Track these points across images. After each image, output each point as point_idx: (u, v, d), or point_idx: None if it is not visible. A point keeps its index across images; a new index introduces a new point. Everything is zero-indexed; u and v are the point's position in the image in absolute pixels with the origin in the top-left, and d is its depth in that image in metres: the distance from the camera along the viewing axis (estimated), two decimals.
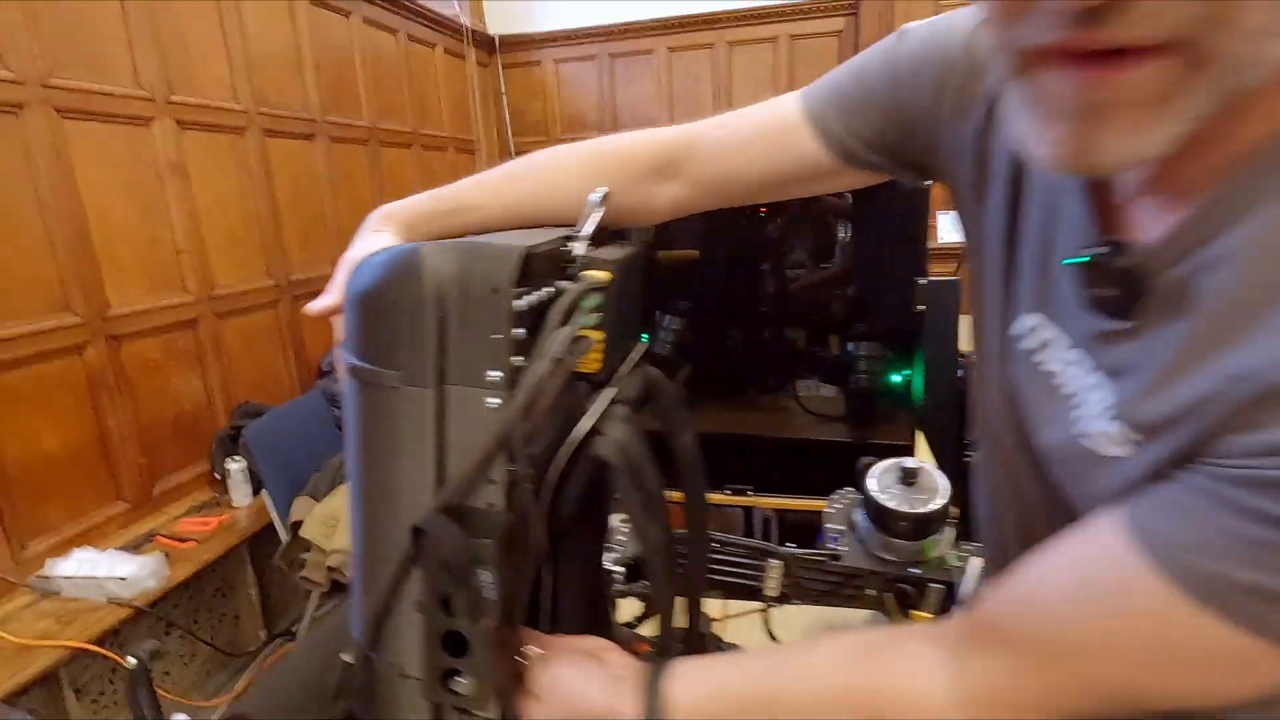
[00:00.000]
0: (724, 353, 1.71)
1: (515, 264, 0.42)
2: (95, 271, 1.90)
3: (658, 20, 3.97)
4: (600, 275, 0.49)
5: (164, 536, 1.96)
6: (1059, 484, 0.44)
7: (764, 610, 0.92)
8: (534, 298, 0.45)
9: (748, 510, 1.65)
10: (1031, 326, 0.46)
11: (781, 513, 1.60)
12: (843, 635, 0.47)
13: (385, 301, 0.43)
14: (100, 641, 1.61)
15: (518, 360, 0.43)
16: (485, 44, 4.09)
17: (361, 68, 3.05)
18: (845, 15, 3.76)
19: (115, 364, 1.97)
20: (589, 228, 0.56)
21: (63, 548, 1.80)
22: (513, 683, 0.49)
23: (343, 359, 0.46)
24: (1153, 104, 0.30)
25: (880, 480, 0.93)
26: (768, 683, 0.46)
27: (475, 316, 0.42)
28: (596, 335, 0.51)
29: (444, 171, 3.77)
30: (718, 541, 0.91)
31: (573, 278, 0.49)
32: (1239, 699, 0.34)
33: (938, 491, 0.91)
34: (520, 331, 0.43)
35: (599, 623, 0.66)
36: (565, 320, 0.45)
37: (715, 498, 1.59)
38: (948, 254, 2.78)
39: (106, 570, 1.71)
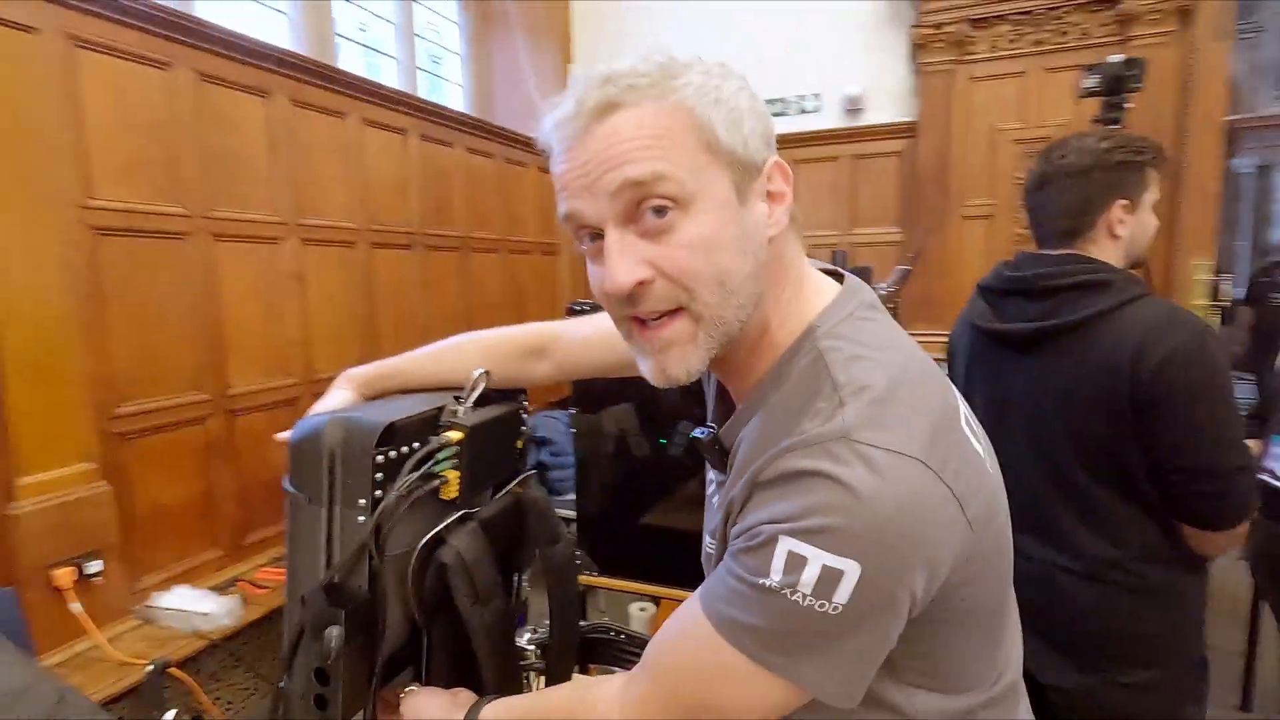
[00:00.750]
0: None
1: (376, 435, 0.68)
2: (222, 358, 2.38)
3: None
4: (453, 435, 0.74)
5: (245, 582, 2.32)
6: None
7: None
8: (397, 453, 0.70)
9: None
10: (709, 476, 0.68)
11: None
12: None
13: (302, 451, 0.70)
14: (181, 666, 1.95)
15: (379, 493, 0.69)
16: None
17: (459, 187, 3.59)
18: (905, 139, 3.98)
19: (229, 433, 2.41)
20: (473, 397, 0.81)
21: (167, 584, 2.20)
22: (385, 709, 0.73)
23: (283, 484, 0.74)
24: (687, 342, 0.54)
25: None
26: (535, 704, 0.67)
27: (351, 465, 0.68)
28: (453, 475, 0.75)
29: (527, 273, 4.24)
30: (624, 633, 1.10)
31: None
32: (762, 714, 0.52)
33: None
34: (380, 476, 0.68)
35: (477, 678, 0.87)
36: (416, 467, 0.70)
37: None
38: None
39: (195, 606, 2.07)
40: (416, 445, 0.73)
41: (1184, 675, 1.16)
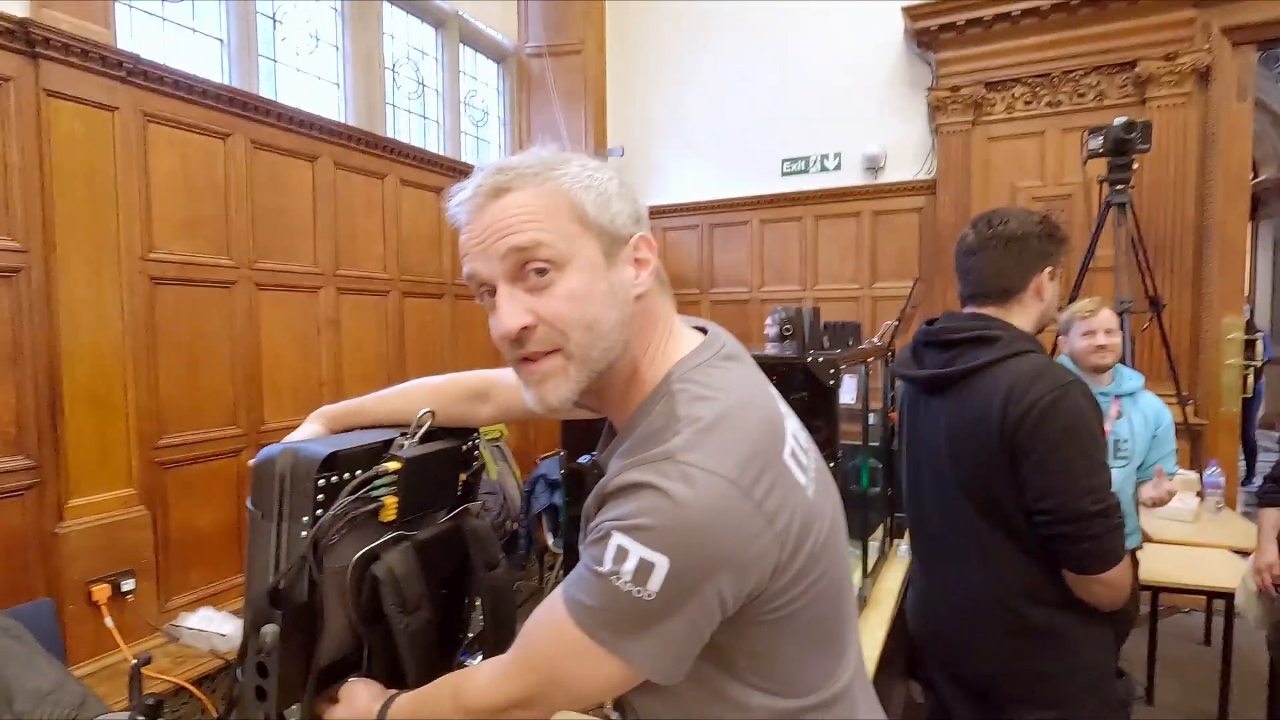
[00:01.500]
0: None
1: (319, 462, 0.80)
2: (259, 396, 2.59)
3: (753, 197, 4.50)
4: (391, 465, 0.86)
5: None
6: None
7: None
8: (339, 478, 0.82)
9: None
10: None
11: None
12: None
13: (259, 474, 0.83)
14: (198, 683, 2.09)
15: (319, 512, 0.81)
16: None
17: None
18: (925, 194, 4.05)
19: None
20: (419, 433, 0.94)
21: (194, 605, 2.36)
22: (324, 700, 0.83)
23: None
24: (559, 375, 0.64)
25: None
26: (431, 691, 0.76)
27: (298, 488, 0.81)
28: (391, 500, 0.87)
29: None
30: None
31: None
32: (599, 687, 0.61)
33: None
34: (321, 498, 0.81)
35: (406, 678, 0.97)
36: (353, 491, 0.82)
37: None
38: None
39: (216, 627, 2.22)
40: (360, 472, 0.85)
41: (1089, 718, 1.18)
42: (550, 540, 3.20)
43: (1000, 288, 1.28)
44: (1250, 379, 3.41)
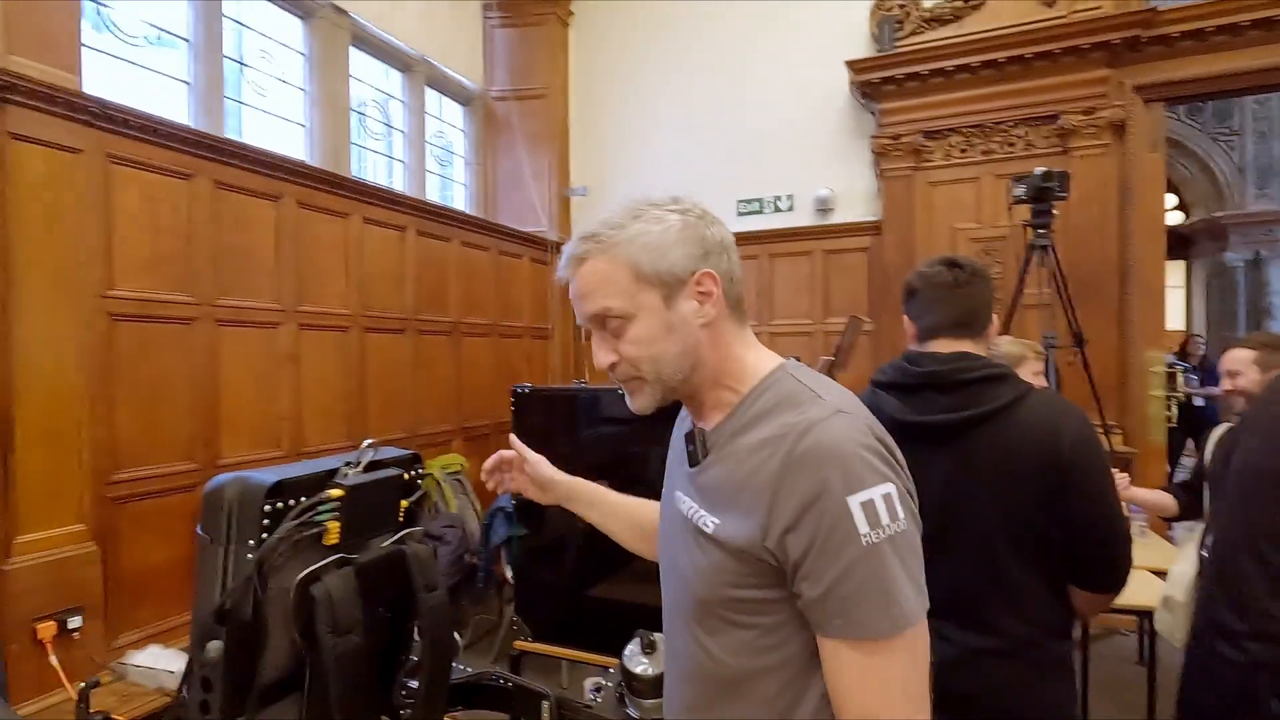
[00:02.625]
0: None
1: (265, 489, 0.87)
2: (216, 431, 2.61)
3: None
4: (334, 492, 0.93)
5: None
6: None
7: None
8: (284, 504, 0.89)
9: None
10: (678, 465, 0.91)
11: None
12: None
13: (209, 501, 0.89)
14: None
15: (265, 536, 0.87)
16: None
17: (454, 278, 3.90)
18: (872, 235, 4.26)
19: None
20: (363, 463, 1.01)
21: (143, 642, 2.34)
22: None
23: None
24: (641, 391, 0.82)
25: (632, 648, 1.22)
26: None
27: (245, 513, 0.87)
28: (334, 525, 0.94)
29: (518, 355, 4.50)
30: (501, 677, 1.24)
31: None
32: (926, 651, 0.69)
33: None
34: (268, 522, 0.87)
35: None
36: (297, 517, 0.89)
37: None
38: None
39: (164, 665, 2.20)
40: (305, 499, 0.92)
41: None
42: (509, 573, 3.22)
43: (984, 320, 1.34)
44: (1174, 410, 3.60)
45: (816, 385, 0.77)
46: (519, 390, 1.95)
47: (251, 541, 0.87)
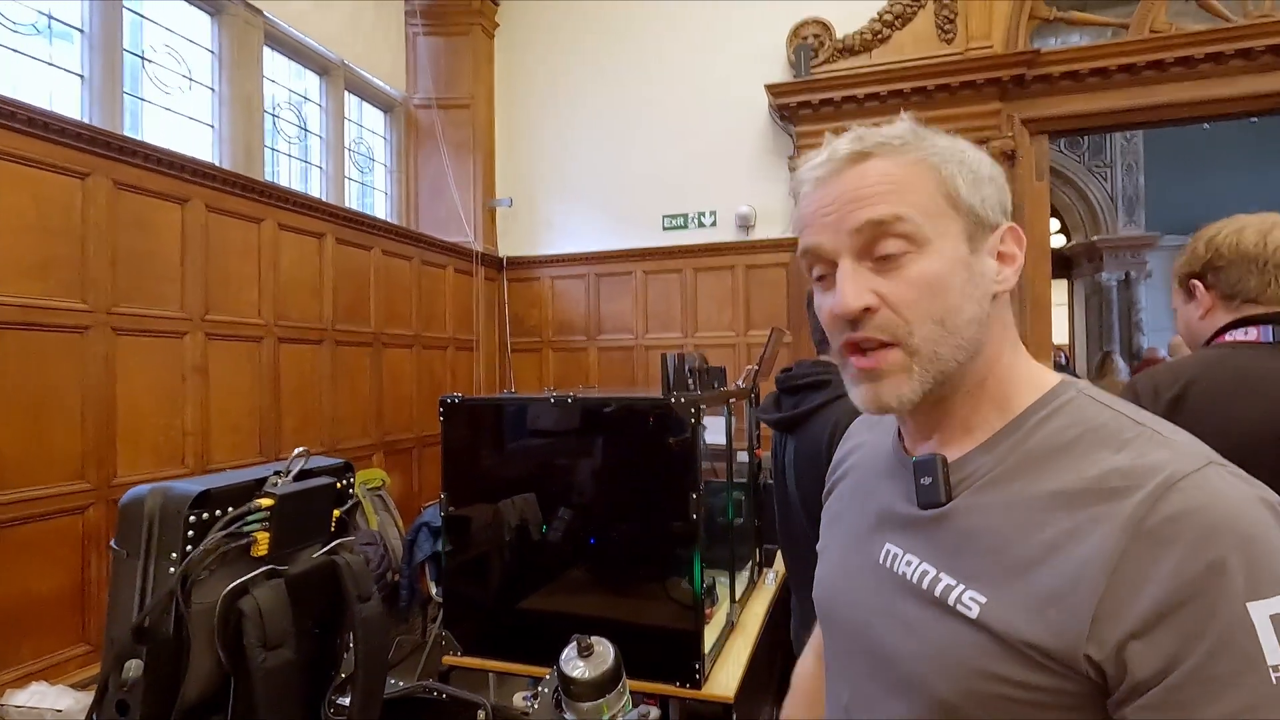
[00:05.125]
0: (608, 545, 2.02)
1: (190, 499, 0.84)
2: (112, 448, 2.43)
3: (636, 249, 4.74)
4: (264, 502, 0.91)
5: None
6: None
7: None
8: (210, 515, 0.86)
9: None
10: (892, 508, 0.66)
11: None
12: None
13: (127, 514, 0.85)
14: None
15: (189, 549, 0.84)
16: (494, 264, 4.91)
17: (375, 287, 3.79)
18: (790, 251, 4.44)
19: (111, 523, 2.42)
20: (293, 471, 0.98)
21: (26, 680, 2.14)
22: None
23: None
24: (900, 372, 0.55)
25: (569, 651, 1.23)
26: None
27: (167, 525, 0.84)
28: (263, 535, 0.91)
29: (442, 367, 4.41)
30: (435, 689, 1.22)
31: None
32: None
33: (608, 661, 1.20)
34: (192, 534, 0.84)
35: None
36: (224, 528, 0.86)
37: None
38: None
39: (50, 703, 2.02)
40: (232, 509, 0.89)
41: None
42: (434, 590, 3.13)
43: None
44: None
45: (1141, 416, 0.53)
46: (448, 400, 1.93)
47: (174, 554, 0.83)
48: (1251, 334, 1.20)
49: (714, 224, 4.62)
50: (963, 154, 0.59)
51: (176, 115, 3.12)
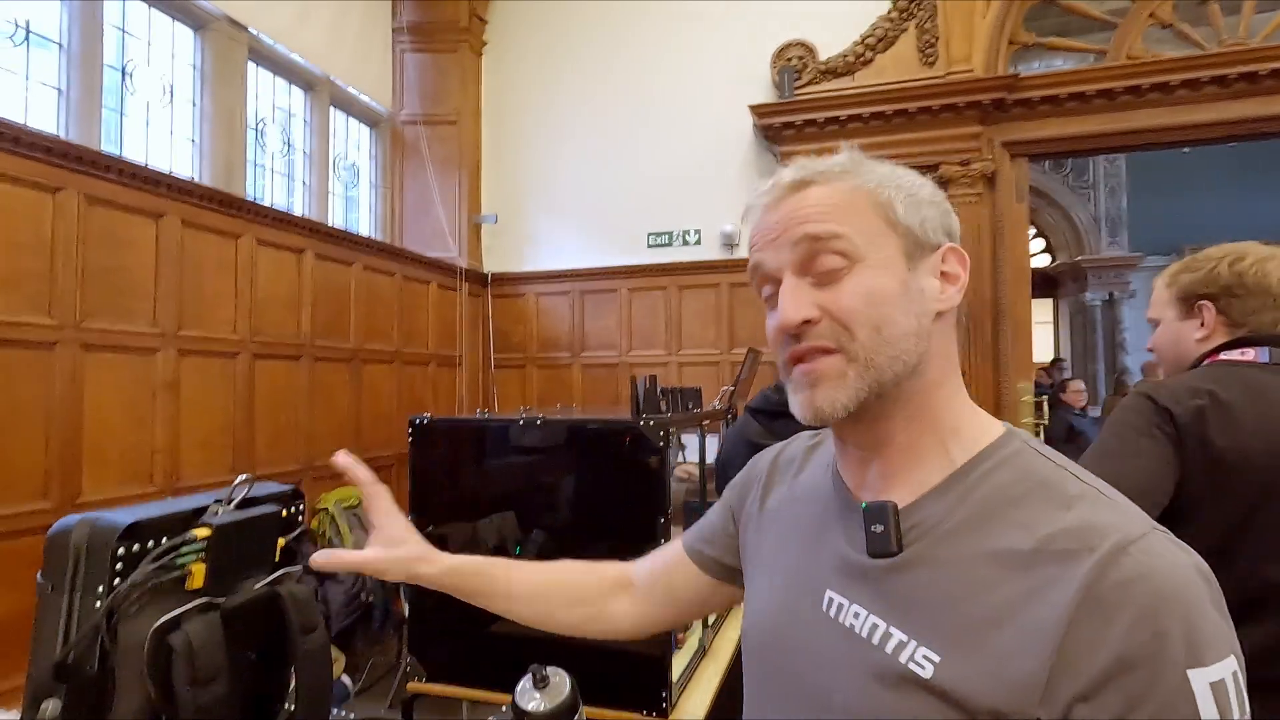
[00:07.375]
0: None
1: (118, 532, 0.81)
2: (77, 465, 2.39)
3: (621, 266, 4.74)
4: (200, 532, 0.88)
5: None
6: None
7: None
8: (140, 547, 0.84)
9: None
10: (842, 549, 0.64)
11: None
12: None
13: (53, 546, 0.82)
14: None
15: (117, 582, 0.81)
16: (478, 279, 4.90)
17: (355, 303, 3.77)
18: None
19: None
20: (235, 499, 0.96)
21: None
22: None
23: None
24: (836, 378, 0.56)
25: (525, 683, 1.20)
26: None
27: (94, 558, 0.81)
28: (198, 567, 0.88)
29: (423, 383, 4.38)
30: None
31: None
32: None
33: (564, 692, 1.17)
34: (120, 567, 0.81)
35: None
36: (155, 560, 0.84)
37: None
38: None
39: None
40: (166, 540, 0.86)
41: None
42: (408, 612, 3.08)
43: None
44: (1041, 435, 3.94)
45: (1080, 472, 0.55)
46: (417, 421, 1.90)
47: (100, 588, 0.80)
48: (1249, 354, 1.19)
49: (699, 242, 4.63)
50: (900, 179, 0.61)
51: (157, 130, 3.11)
